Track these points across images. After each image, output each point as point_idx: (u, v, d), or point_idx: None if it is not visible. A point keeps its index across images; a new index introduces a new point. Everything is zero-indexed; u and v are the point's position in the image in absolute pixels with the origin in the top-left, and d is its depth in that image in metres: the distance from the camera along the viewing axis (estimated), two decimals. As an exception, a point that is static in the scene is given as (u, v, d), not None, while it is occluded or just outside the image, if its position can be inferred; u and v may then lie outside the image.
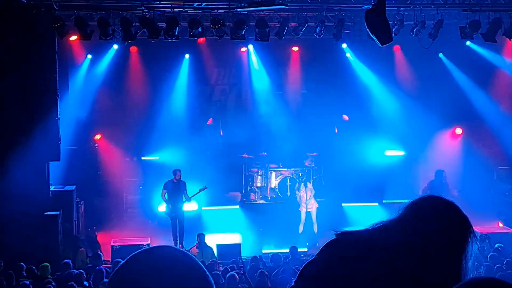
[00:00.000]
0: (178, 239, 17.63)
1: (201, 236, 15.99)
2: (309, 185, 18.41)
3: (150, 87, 21.10)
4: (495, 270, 12.86)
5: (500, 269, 12.84)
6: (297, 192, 18.93)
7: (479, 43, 18.86)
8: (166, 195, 17.73)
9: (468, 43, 19.55)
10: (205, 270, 1.99)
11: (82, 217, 18.29)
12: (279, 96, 22.00)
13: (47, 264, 13.50)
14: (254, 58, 21.50)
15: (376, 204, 20.34)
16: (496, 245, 14.93)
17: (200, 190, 18.00)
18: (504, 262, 13.41)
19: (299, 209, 18.30)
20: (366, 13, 13.80)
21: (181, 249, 2.03)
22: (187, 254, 2.00)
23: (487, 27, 16.37)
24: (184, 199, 17.68)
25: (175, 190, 17.77)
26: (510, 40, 17.06)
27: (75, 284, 12.28)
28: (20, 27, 15.51)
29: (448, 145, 21.33)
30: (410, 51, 20.46)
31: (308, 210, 18.12)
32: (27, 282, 12.26)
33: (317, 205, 18.34)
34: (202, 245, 15.82)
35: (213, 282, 1.99)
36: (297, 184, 19.28)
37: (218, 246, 16.60)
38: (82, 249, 15.87)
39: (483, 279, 1.85)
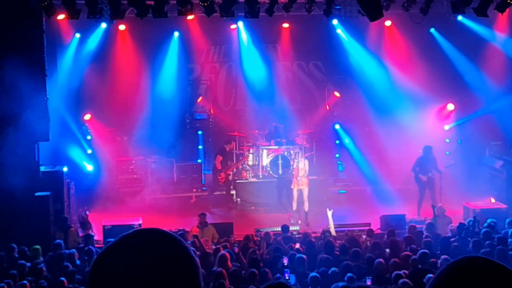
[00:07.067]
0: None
1: (202, 216, 15.91)
2: (301, 163, 18.24)
3: (140, 66, 20.94)
4: (486, 245, 12.86)
5: (490, 245, 12.83)
6: (292, 167, 18.87)
7: (471, 18, 18.76)
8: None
9: (459, 17, 19.47)
10: (192, 254, 1.96)
11: (73, 198, 18.21)
12: (270, 74, 21.91)
13: (38, 247, 13.43)
14: (244, 35, 21.35)
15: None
16: (489, 221, 14.92)
17: None
18: (495, 238, 13.41)
19: (291, 187, 18.21)
20: (357, -12, 13.71)
21: (167, 231, 1.99)
22: (172, 237, 1.97)
23: (478, 2, 16.25)
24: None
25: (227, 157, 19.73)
26: (502, 15, 16.95)
27: (69, 264, 12.26)
28: (7, 6, 15.29)
29: (439, 121, 21.27)
30: (401, 27, 20.39)
31: (299, 188, 17.99)
32: (25, 263, 12.27)
33: (308, 184, 18.15)
34: (203, 224, 15.74)
35: (198, 265, 1.96)
36: (291, 161, 19.20)
37: (211, 225, 16.55)
38: (73, 229, 15.81)
39: (472, 258, 1.88)
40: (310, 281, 10.96)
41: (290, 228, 15.68)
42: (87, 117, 20.37)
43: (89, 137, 20.24)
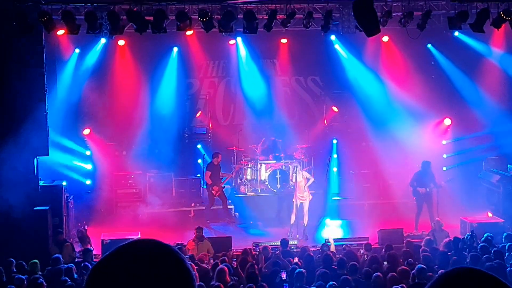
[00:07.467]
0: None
1: (198, 230, 15.93)
2: (299, 176, 18.19)
3: (139, 80, 21.02)
4: (484, 260, 12.91)
5: (488, 259, 12.89)
6: (290, 182, 18.85)
7: (467, 33, 18.88)
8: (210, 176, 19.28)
9: (456, 33, 19.59)
10: (187, 264, 1.98)
11: (72, 212, 18.24)
12: (268, 89, 22.01)
13: (37, 261, 13.45)
14: (242, 50, 21.46)
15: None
16: (486, 235, 14.98)
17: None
18: (492, 252, 13.47)
19: (293, 200, 18.21)
20: (354, 5, 13.82)
21: (163, 242, 2.02)
22: (168, 248, 1.99)
23: (475, 18, 16.39)
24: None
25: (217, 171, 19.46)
26: (498, 31, 17.09)
27: (67, 278, 12.27)
28: (6, 22, 15.39)
29: (437, 136, 21.35)
30: (399, 42, 20.52)
31: (301, 201, 18.00)
32: (23, 277, 12.25)
33: (311, 197, 18.20)
34: (199, 238, 15.76)
35: (194, 276, 1.98)
36: (292, 174, 19.19)
37: (209, 239, 16.58)
38: (68, 243, 15.80)
39: (464, 269, 1.91)
40: (308, 295, 10.99)
41: (289, 242, 15.70)
42: (87, 131, 20.42)
43: (88, 152, 20.30)
